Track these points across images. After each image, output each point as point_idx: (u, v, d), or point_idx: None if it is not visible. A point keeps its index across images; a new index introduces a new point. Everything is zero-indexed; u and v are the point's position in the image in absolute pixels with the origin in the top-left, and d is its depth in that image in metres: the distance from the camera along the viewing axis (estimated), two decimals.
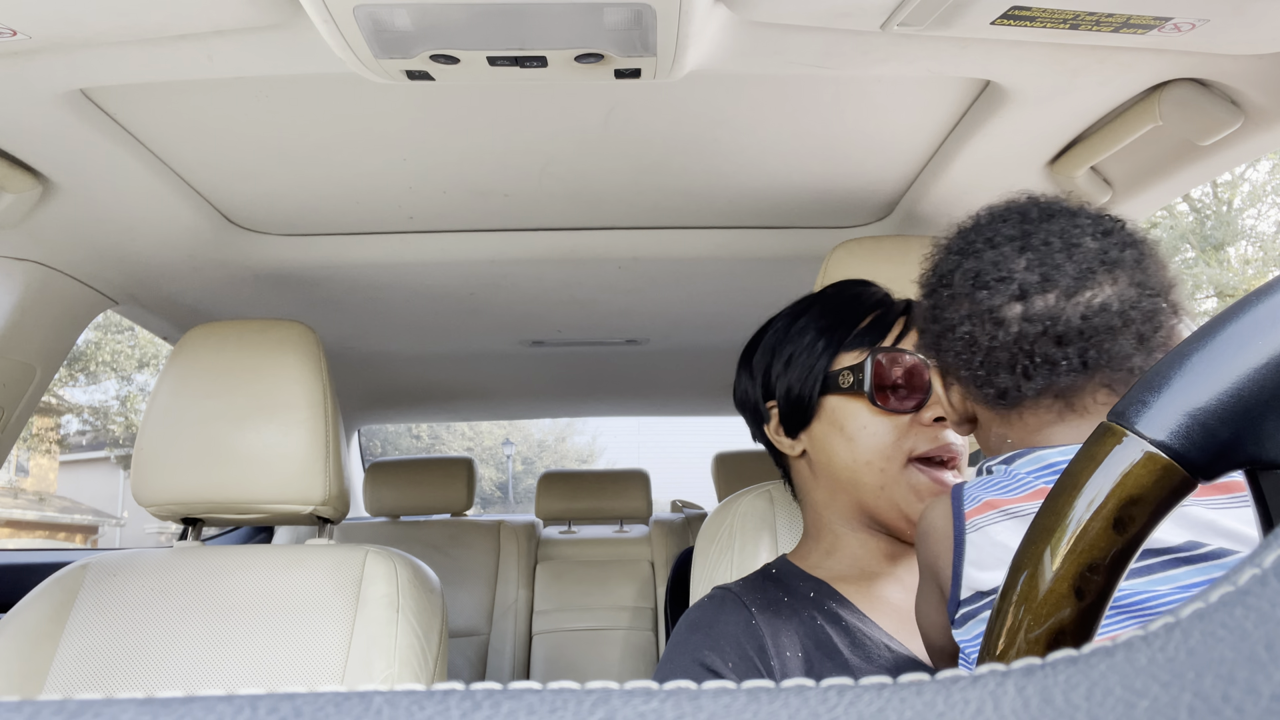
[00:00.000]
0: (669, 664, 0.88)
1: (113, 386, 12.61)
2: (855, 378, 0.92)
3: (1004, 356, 0.65)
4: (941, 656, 0.73)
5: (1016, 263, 0.66)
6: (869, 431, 0.91)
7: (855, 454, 0.92)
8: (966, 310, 0.67)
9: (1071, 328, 0.63)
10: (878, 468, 0.90)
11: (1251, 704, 0.15)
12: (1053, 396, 0.65)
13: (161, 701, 0.15)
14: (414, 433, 18.08)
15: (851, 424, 0.92)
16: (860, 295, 0.99)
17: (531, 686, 0.16)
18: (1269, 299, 0.30)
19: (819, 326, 0.97)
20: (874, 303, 0.98)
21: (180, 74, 0.91)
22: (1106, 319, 0.63)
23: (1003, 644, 0.35)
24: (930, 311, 0.72)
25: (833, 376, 0.94)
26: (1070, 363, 0.63)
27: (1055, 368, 0.64)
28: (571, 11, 0.76)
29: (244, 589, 1.19)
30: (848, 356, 0.94)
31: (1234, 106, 1.00)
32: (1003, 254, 0.67)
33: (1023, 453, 0.66)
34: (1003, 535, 0.62)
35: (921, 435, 0.90)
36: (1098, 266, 0.64)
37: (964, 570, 0.64)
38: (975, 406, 0.71)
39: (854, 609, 0.89)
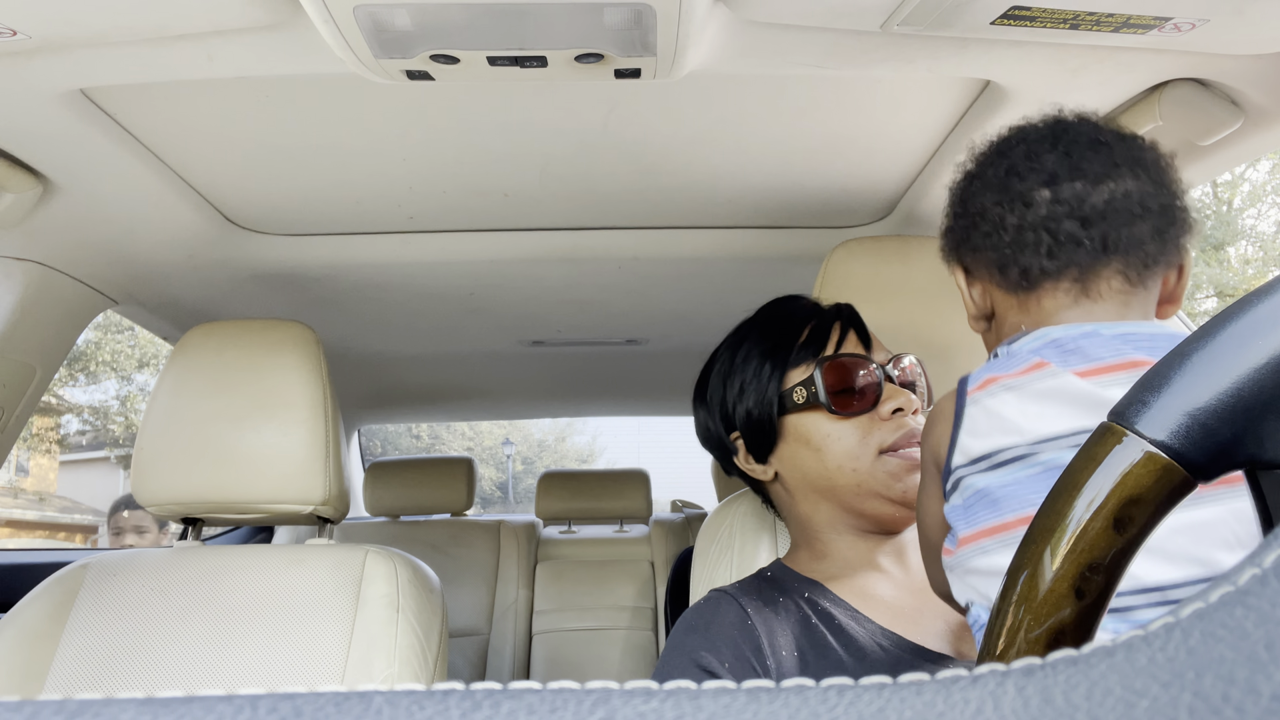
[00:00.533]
0: (666, 665, 0.89)
1: (113, 386, 12.62)
2: (808, 391, 0.94)
3: (1030, 236, 0.70)
4: (936, 557, 0.75)
5: (1048, 156, 0.72)
6: (834, 438, 0.93)
7: (826, 463, 0.94)
8: (997, 196, 0.73)
9: (1095, 210, 0.69)
10: (849, 469, 0.92)
11: (1251, 704, 0.15)
12: (1071, 279, 0.70)
13: (161, 701, 0.15)
14: (414, 433, 18.08)
15: (816, 436, 0.94)
16: (791, 311, 1.01)
17: (531, 686, 0.16)
18: (1269, 299, 0.30)
19: (761, 350, 0.99)
20: (805, 315, 1.00)
21: (180, 74, 0.91)
22: (1128, 205, 0.69)
23: (1003, 644, 0.35)
24: (960, 205, 0.78)
25: (786, 395, 0.96)
26: (1093, 242, 0.69)
27: (1079, 246, 0.69)
28: (571, 11, 0.76)
29: (244, 589, 1.19)
30: (795, 373, 0.96)
31: (1234, 106, 1.00)
32: (1034, 149, 0.73)
33: (1026, 332, 0.70)
34: (998, 405, 0.66)
35: (884, 428, 0.92)
36: (1122, 161, 0.70)
37: (959, 439, 0.68)
38: (995, 295, 0.76)
39: (847, 606, 0.90)
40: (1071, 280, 0.70)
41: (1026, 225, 0.71)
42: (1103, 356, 0.65)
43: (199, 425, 1.19)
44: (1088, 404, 0.63)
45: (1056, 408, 0.64)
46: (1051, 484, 0.51)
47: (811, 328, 0.98)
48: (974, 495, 0.66)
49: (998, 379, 0.68)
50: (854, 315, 1.00)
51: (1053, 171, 0.71)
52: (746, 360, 0.99)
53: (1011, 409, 0.66)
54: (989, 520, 0.64)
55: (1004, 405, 0.66)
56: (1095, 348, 0.66)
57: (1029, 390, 0.66)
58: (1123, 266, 0.69)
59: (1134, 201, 0.69)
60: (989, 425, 0.66)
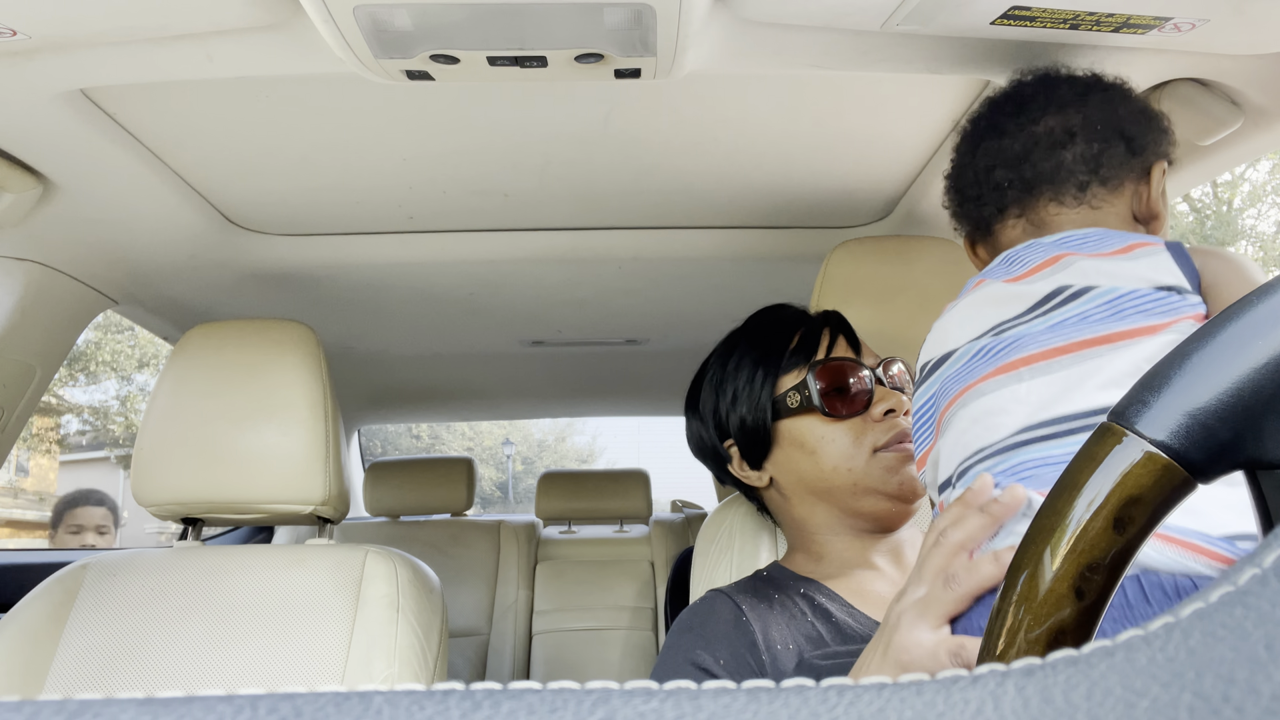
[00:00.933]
0: (663, 665, 0.89)
1: (113, 386, 12.62)
2: (802, 396, 0.95)
3: (972, 192, 0.85)
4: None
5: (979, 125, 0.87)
6: (828, 440, 0.95)
7: (822, 465, 0.95)
8: (953, 169, 0.89)
9: (1014, 154, 0.81)
10: (845, 469, 0.94)
11: (1251, 704, 0.15)
12: (1014, 216, 0.82)
13: (161, 701, 0.15)
14: (414, 433, 18.08)
15: (810, 439, 0.95)
16: (781, 318, 1.03)
17: (531, 686, 0.16)
18: (1269, 299, 0.30)
19: (753, 358, 1.00)
20: (794, 322, 1.02)
21: (180, 74, 0.91)
22: (1050, 140, 0.80)
23: (1003, 644, 0.35)
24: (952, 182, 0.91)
25: (780, 400, 0.97)
26: (1014, 181, 0.81)
27: (1006, 188, 0.81)
28: (571, 11, 0.76)
29: (244, 589, 1.19)
30: (788, 378, 0.97)
31: (1234, 106, 1.00)
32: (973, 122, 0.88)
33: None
34: (942, 324, 0.77)
35: (876, 429, 0.94)
36: (1053, 103, 0.81)
37: (918, 363, 0.80)
38: (981, 250, 0.88)
39: (843, 603, 0.91)
40: (1015, 217, 0.82)
41: (967, 184, 0.86)
42: (1034, 260, 0.74)
43: (199, 425, 1.19)
44: (1009, 301, 0.72)
45: (983, 311, 0.73)
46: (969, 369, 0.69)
47: (801, 334, 0.99)
48: (926, 402, 0.77)
49: (947, 307, 0.79)
50: (842, 321, 1.02)
51: (979, 135, 0.85)
52: (738, 368, 1.01)
53: (949, 323, 0.76)
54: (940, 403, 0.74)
55: (945, 323, 0.77)
56: (1032, 254, 0.75)
57: (963, 305, 0.76)
58: (1054, 193, 0.79)
59: (1056, 136, 0.79)
60: (932, 341, 0.78)
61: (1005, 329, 0.71)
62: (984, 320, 0.73)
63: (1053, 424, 0.63)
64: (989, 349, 0.71)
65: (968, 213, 0.87)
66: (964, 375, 0.72)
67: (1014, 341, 0.69)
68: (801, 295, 1.51)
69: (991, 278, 0.77)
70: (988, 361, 0.70)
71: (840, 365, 0.96)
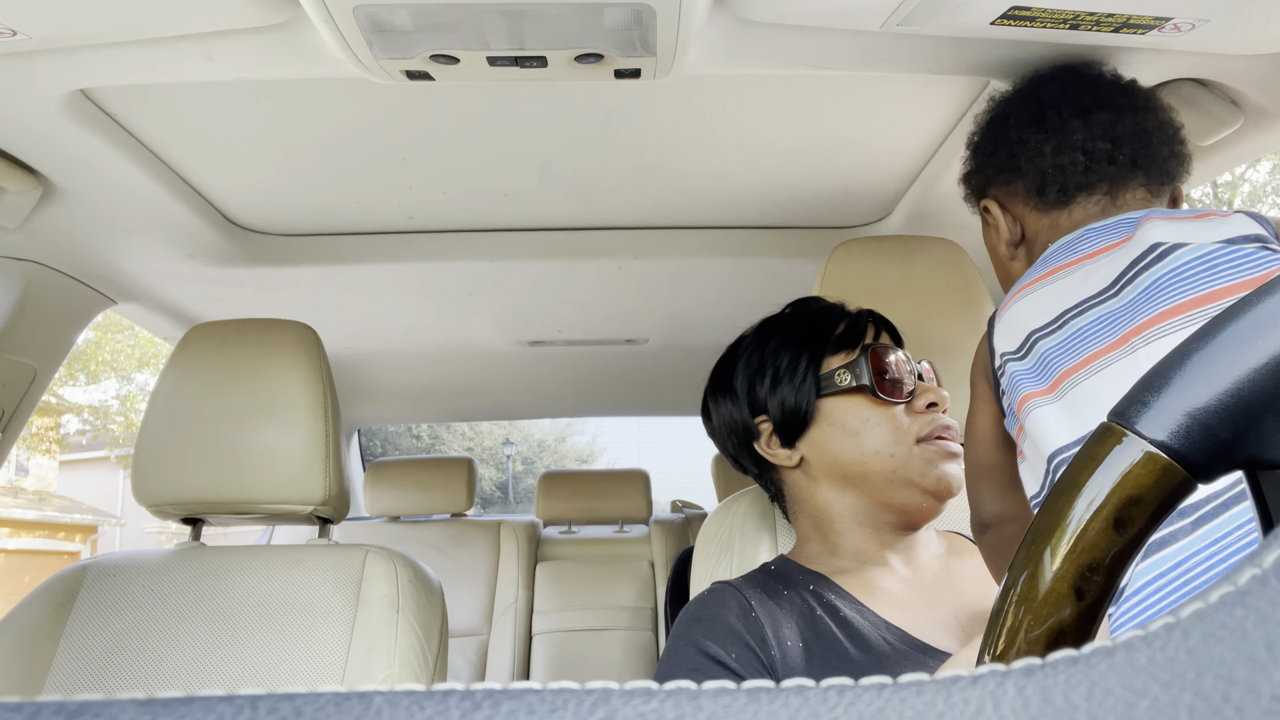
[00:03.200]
0: (671, 656, 0.88)
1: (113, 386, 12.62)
2: (853, 374, 0.95)
3: (1067, 158, 0.84)
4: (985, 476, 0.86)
5: (1077, 91, 0.87)
6: (872, 424, 0.94)
7: (862, 448, 0.94)
8: (1035, 127, 0.86)
9: (1124, 132, 0.82)
10: (887, 454, 0.93)
11: (1251, 704, 0.15)
12: (1102, 192, 0.83)
13: (161, 701, 0.15)
14: (414, 433, 18.08)
15: (853, 420, 0.95)
16: (825, 309, 1.04)
17: (531, 686, 0.16)
18: (1269, 299, 0.30)
19: (797, 340, 1.00)
20: (839, 314, 1.03)
21: (180, 75, 0.91)
22: (1147, 129, 0.83)
23: (1003, 644, 0.35)
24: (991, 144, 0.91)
25: (828, 378, 0.97)
26: (1124, 158, 0.82)
27: (1111, 162, 0.82)
28: (571, 11, 0.76)
29: (244, 589, 1.19)
30: (835, 359, 0.98)
31: (1234, 106, 1.00)
32: (1065, 86, 0.88)
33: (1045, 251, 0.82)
34: (1018, 309, 0.77)
35: (919, 420, 0.94)
36: (1135, 95, 0.85)
37: (995, 347, 0.79)
38: (1028, 219, 0.88)
39: (851, 599, 0.90)
40: (1102, 193, 0.83)
41: (1064, 148, 0.84)
42: (1112, 236, 0.75)
43: (199, 425, 1.19)
44: (1098, 270, 0.72)
45: (1069, 290, 0.73)
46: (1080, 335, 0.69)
47: (846, 324, 1.00)
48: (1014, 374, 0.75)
49: (1019, 291, 0.79)
50: (885, 319, 1.04)
51: (1084, 104, 0.85)
52: (778, 352, 1.00)
53: (1031, 303, 0.76)
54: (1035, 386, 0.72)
55: (1023, 309, 0.76)
56: (1109, 231, 0.76)
57: (1043, 289, 0.76)
58: (1146, 180, 0.82)
59: (1150, 127, 0.83)
60: (1012, 327, 0.77)
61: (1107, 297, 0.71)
62: (1075, 293, 0.73)
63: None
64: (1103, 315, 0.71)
65: (1047, 177, 0.85)
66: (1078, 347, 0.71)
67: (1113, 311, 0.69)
68: (801, 295, 1.51)
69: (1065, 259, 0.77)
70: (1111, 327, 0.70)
71: (893, 352, 0.97)
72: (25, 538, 12.43)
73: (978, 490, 0.88)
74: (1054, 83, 0.89)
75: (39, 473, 13.81)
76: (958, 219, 1.39)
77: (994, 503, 0.86)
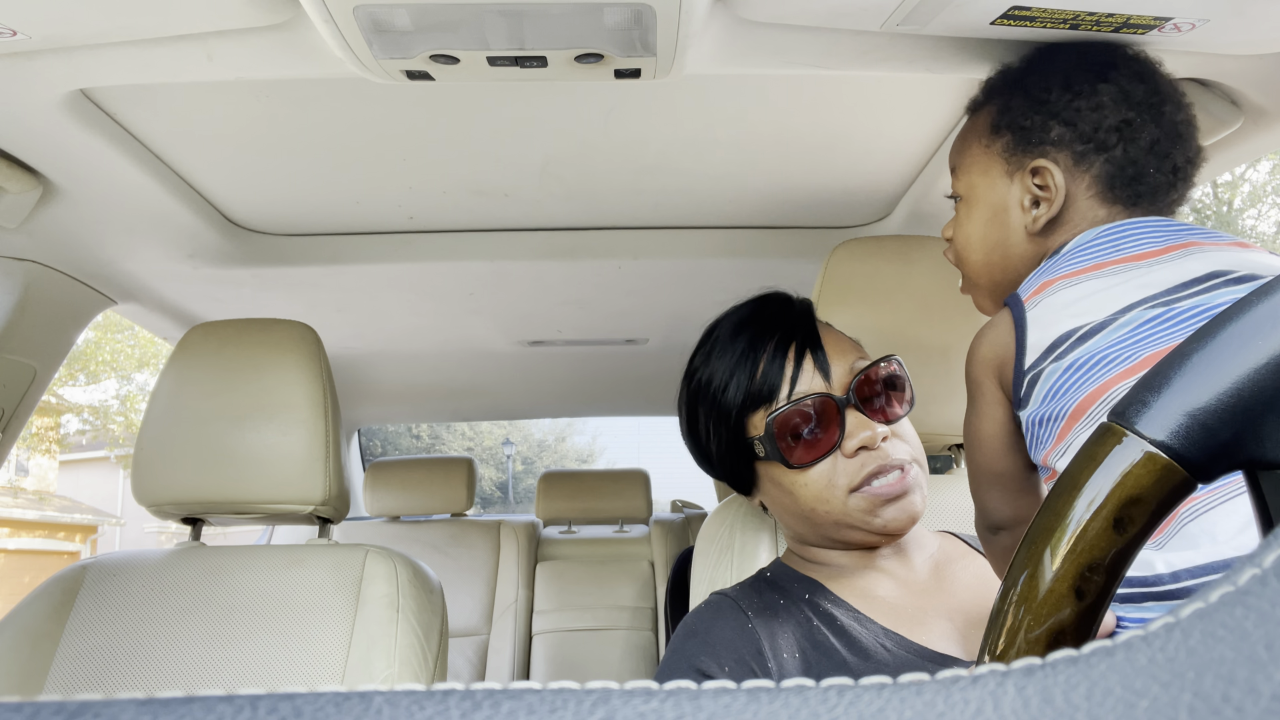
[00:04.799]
0: (666, 671, 0.88)
1: (113, 386, 12.62)
2: (766, 448, 0.90)
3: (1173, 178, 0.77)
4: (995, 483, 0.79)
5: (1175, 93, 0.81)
6: (800, 484, 0.90)
7: (800, 505, 0.92)
8: (1150, 124, 0.77)
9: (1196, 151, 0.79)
10: (824, 510, 0.90)
11: (1251, 704, 0.15)
12: (1176, 199, 0.78)
13: (161, 701, 0.15)
14: (414, 433, 18.08)
15: (785, 482, 0.92)
16: (746, 333, 0.95)
17: (531, 686, 0.16)
18: (1269, 299, 0.30)
19: (718, 389, 0.94)
20: (757, 339, 0.93)
21: (180, 75, 0.91)
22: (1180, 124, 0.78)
23: (1003, 644, 0.35)
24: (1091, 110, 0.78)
25: (750, 446, 0.92)
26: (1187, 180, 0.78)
27: (1189, 184, 0.78)
28: (571, 11, 0.76)
29: (244, 589, 1.19)
30: (755, 420, 0.91)
31: (1234, 106, 1.00)
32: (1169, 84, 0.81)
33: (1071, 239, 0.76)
34: (1063, 299, 0.70)
35: (850, 467, 0.88)
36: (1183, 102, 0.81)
37: (1027, 342, 0.71)
38: (1082, 200, 0.77)
39: (848, 607, 0.89)
40: (1175, 202, 0.78)
41: (1180, 166, 0.77)
42: (1158, 242, 0.71)
43: (199, 425, 1.19)
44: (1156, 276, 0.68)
45: (1124, 286, 0.68)
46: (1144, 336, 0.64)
47: (765, 363, 0.91)
48: (1068, 370, 0.68)
49: (1055, 279, 0.72)
50: (810, 335, 0.93)
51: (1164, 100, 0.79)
52: (707, 398, 0.95)
53: (1076, 297, 0.70)
54: (1110, 372, 0.66)
55: (1068, 296, 0.70)
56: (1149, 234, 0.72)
57: (1093, 282, 0.70)
58: (1185, 190, 0.78)
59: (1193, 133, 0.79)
60: (1056, 315, 0.70)
61: (1175, 300, 0.67)
62: (1130, 293, 0.68)
63: None
64: (1164, 317, 0.66)
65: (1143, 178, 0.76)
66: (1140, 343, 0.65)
67: (1196, 310, 0.65)
68: (802, 295, 1.51)
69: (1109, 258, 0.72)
70: (1174, 329, 0.65)
71: (796, 412, 0.88)
72: (25, 537, 12.43)
73: (987, 496, 0.82)
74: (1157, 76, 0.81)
75: (39, 472, 13.81)
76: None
77: (1007, 508, 0.80)
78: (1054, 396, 0.68)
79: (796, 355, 0.91)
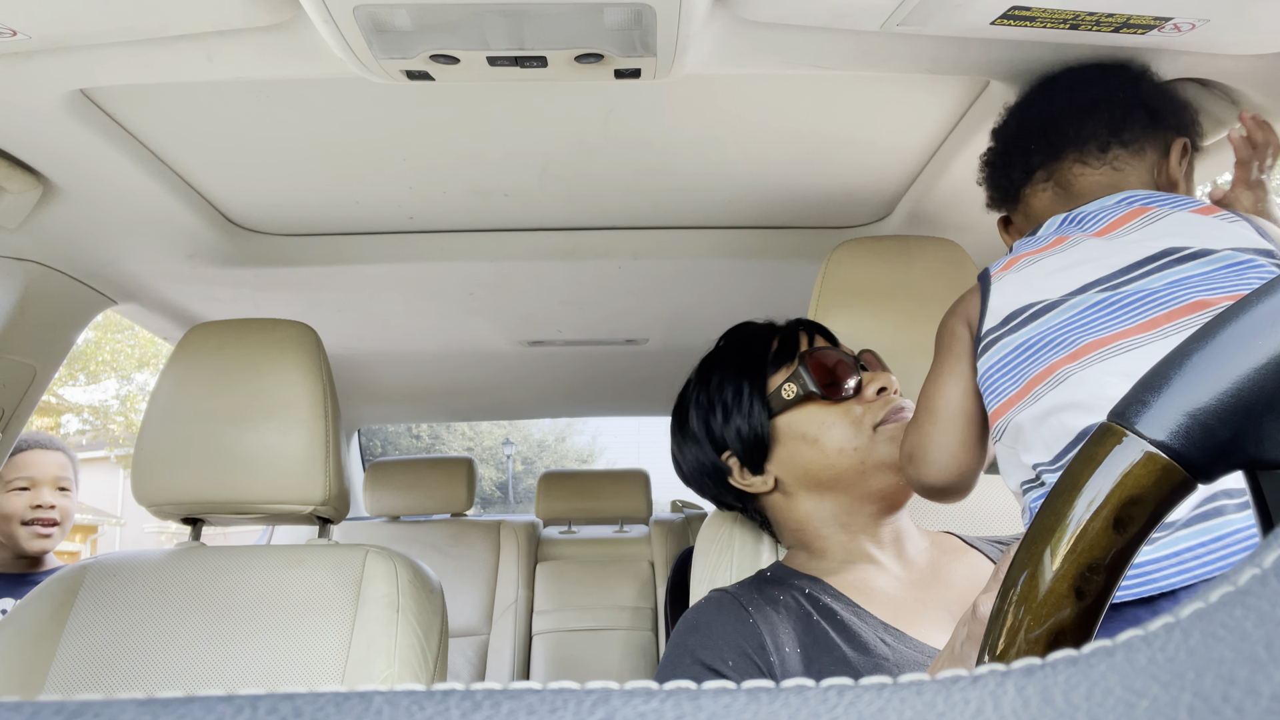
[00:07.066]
0: (668, 666, 0.88)
1: (113, 385, 12.62)
2: (798, 386, 0.97)
3: (1001, 162, 0.91)
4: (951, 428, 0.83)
5: (1028, 97, 0.93)
6: (828, 426, 0.96)
7: (826, 451, 0.96)
8: (992, 146, 0.95)
9: (1036, 123, 0.88)
10: (851, 449, 0.95)
11: (1251, 704, 0.15)
12: (1042, 180, 0.87)
13: (161, 701, 0.15)
14: (414, 432, 18.08)
15: (811, 428, 0.96)
16: (756, 331, 1.05)
17: (531, 686, 0.16)
18: (1269, 299, 0.30)
19: (736, 369, 1.01)
20: (770, 332, 1.03)
21: (180, 75, 0.91)
22: (1073, 108, 0.86)
23: (1003, 644, 0.35)
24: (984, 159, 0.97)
25: (774, 396, 0.98)
26: (1039, 146, 0.87)
27: (1029, 154, 0.88)
28: (571, 11, 0.76)
29: (244, 589, 1.19)
30: (778, 377, 0.99)
31: (1234, 106, 1.00)
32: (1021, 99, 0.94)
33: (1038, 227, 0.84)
34: (1026, 275, 0.77)
35: (873, 408, 0.96)
36: (1093, 77, 0.89)
37: (988, 308, 0.80)
38: (1013, 221, 0.93)
39: (848, 602, 0.90)
40: (1043, 181, 0.87)
41: (998, 155, 0.92)
42: (1112, 215, 0.76)
43: (199, 425, 1.19)
44: (1109, 255, 0.73)
45: (1080, 265, 0.74)
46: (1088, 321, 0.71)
47: (779, 340, 1.01)
48: (1019, 348, 0.75)
49: (1023, 256, 0.80)
50: (814, 323, 1.05)
51: (1010, 113, 0.93)
52: (721, 386, 1.01)
53: (1036, 274, 0.77)
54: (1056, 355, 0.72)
55: (1032, 273, 0.77)
56: (1106, 211, 0.77)
57: (1053, 259, 0.76)
58: (1079, 154, 0.84)
59: (1082, 103, 0.85)
60: (1018, 291, 0.77)
61: (1123, 284, 0.71)
62: (1085, 273, 0.73)
63: None
64: (1109, 302, 0.71)
65: (998, 182, 0.92)
66: (1084, 328, 0.71)
67: (1140, 294, 0.69)
68: (801, 295, 1.51)
69: (1071, 233, 0.78)
70: (1116, 315, 0.70)
71: (829, 352, 0.98)
72: None
73: (940, 444, 0.84)
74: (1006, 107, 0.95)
75: None
76: (958, 219, 1.39)
77: (962, 455, 0.83)
78: (1005, 368, 0.76)
79: (808, 332, 1.02)
